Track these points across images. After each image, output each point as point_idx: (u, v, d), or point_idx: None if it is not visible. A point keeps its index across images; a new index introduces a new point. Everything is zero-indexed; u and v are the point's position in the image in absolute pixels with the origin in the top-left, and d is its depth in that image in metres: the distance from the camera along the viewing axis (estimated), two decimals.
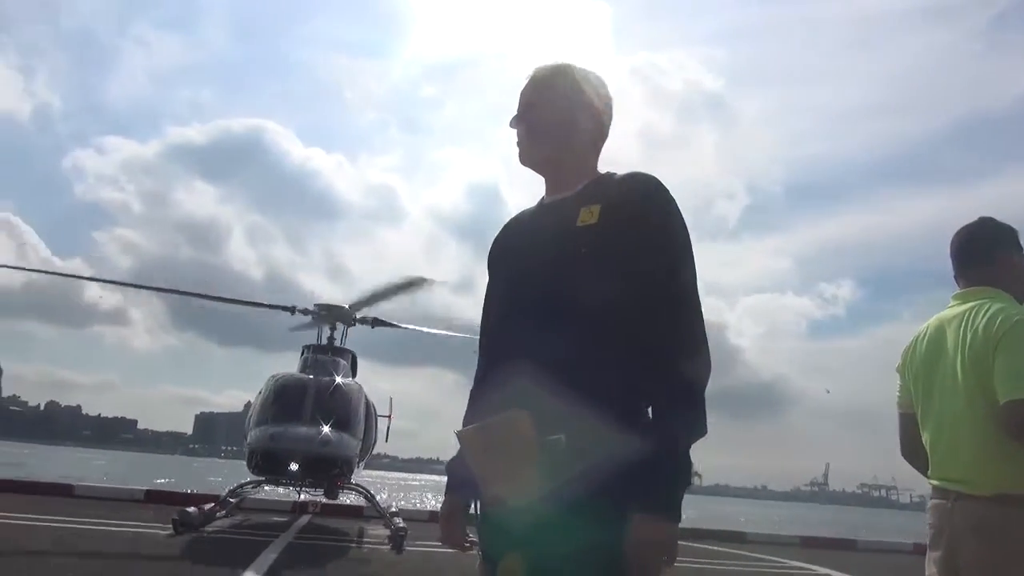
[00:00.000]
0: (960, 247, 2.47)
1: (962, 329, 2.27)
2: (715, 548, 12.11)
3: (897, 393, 2.55)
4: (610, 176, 1.67)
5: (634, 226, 1.53)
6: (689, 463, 1.44)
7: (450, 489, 1.74)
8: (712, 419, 1.48)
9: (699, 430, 1.45)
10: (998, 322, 2.19)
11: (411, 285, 14.11)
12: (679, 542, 1.43)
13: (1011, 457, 2.10)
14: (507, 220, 1.86)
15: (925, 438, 2.37)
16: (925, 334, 2.44)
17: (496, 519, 1.54)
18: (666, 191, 1.59)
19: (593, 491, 1.41)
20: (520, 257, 1.68)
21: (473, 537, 1.69)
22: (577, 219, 1.59)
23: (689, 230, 1.59)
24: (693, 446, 1.46)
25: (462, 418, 1.75)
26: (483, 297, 1.81)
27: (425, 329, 16.51)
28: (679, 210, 1.59)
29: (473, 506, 1.65)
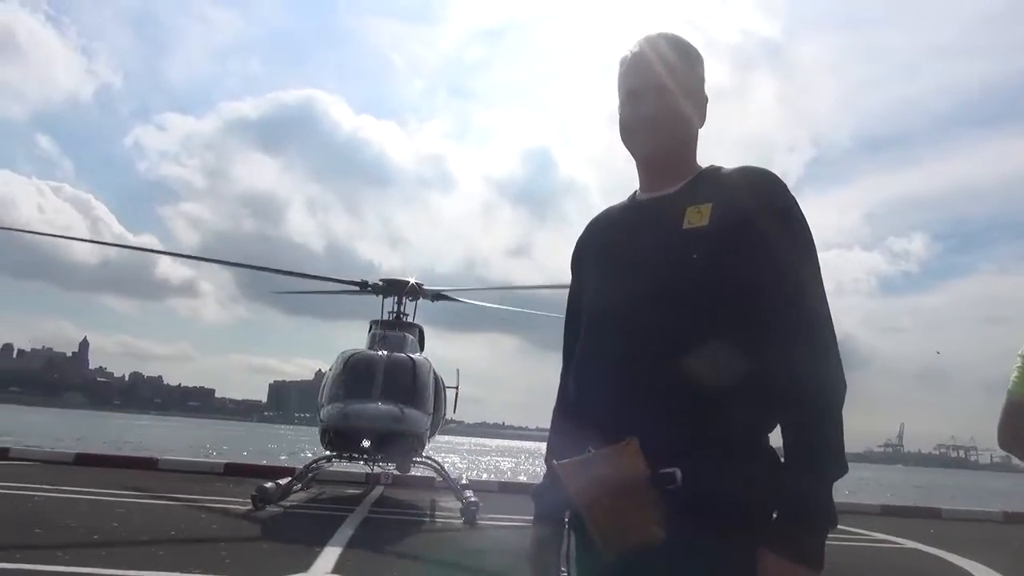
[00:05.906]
0: None
1: None
2: None
3: (1013, 377, 2.05)
4: (716, 171, 1.47)
5: (752, 230, 1.33)
6: (832, 504, 1.25)
7: (539, 518, 1.57)
8: None
9: (839, 466, 1.26)
10: None
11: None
12: None
13: None
14: (593, 217, 1.67)
15: None
16: None
17: (605, 564, 1.38)
18: (785, 188, 1.39)
19: (715, 534, 1.25)
20: (616, 261, 1.49)
21: (566, 571, 1.55)
22: (683, 220, 1.40)
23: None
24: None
25: (546, 442, 1.61)
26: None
27: (485, 304, 16.56)
28: (801, 210, 1.40)
29: (566, 538, 1.51)
